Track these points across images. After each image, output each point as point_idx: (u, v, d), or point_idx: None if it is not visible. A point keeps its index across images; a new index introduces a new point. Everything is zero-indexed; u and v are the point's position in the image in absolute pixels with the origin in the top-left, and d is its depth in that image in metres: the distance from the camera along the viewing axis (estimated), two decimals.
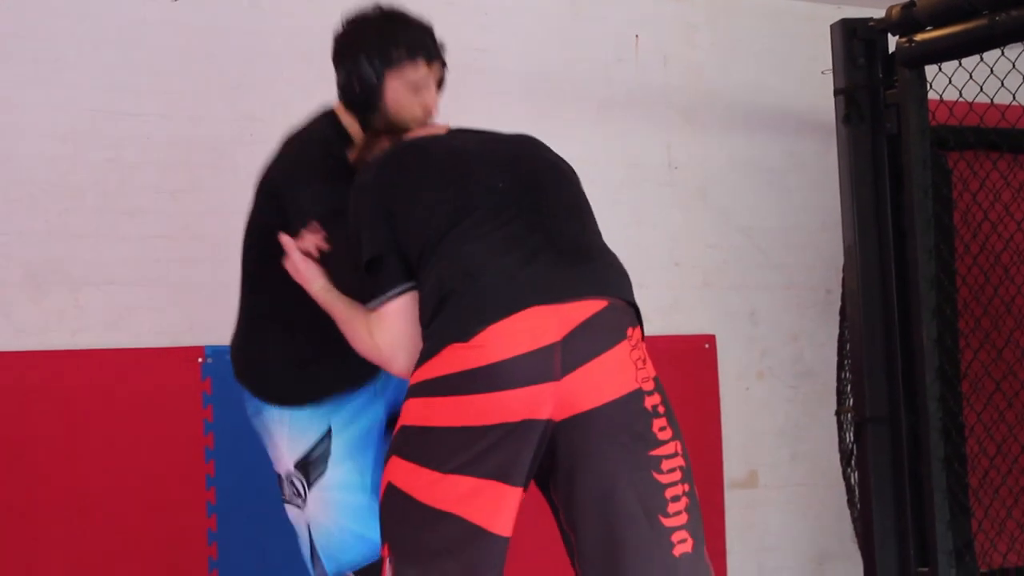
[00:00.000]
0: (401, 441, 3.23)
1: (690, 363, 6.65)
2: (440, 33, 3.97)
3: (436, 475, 3.15)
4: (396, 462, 3.22)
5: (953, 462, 5.14)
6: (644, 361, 3.25)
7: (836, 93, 5.14)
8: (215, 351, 5.68)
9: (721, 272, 6.87)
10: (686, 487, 3.19)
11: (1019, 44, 4.67)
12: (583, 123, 6.60)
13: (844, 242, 5.28)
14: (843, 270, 5.40)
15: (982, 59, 4.87)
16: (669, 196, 6.79)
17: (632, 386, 3.18)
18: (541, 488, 3.30)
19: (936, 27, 4.83)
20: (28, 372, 5.37)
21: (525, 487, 3.19)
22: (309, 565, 3.86)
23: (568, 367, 3.14)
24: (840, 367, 6.15)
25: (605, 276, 3.37)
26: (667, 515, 3.13)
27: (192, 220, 5.73)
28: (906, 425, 5.11)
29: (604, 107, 6.67)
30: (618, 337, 3.22)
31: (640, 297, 6.72)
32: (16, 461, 5.32)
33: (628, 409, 3.16)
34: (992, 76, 4.98)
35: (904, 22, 4.93)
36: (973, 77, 5.01)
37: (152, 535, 5.52)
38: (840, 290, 5.70)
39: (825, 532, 6.89)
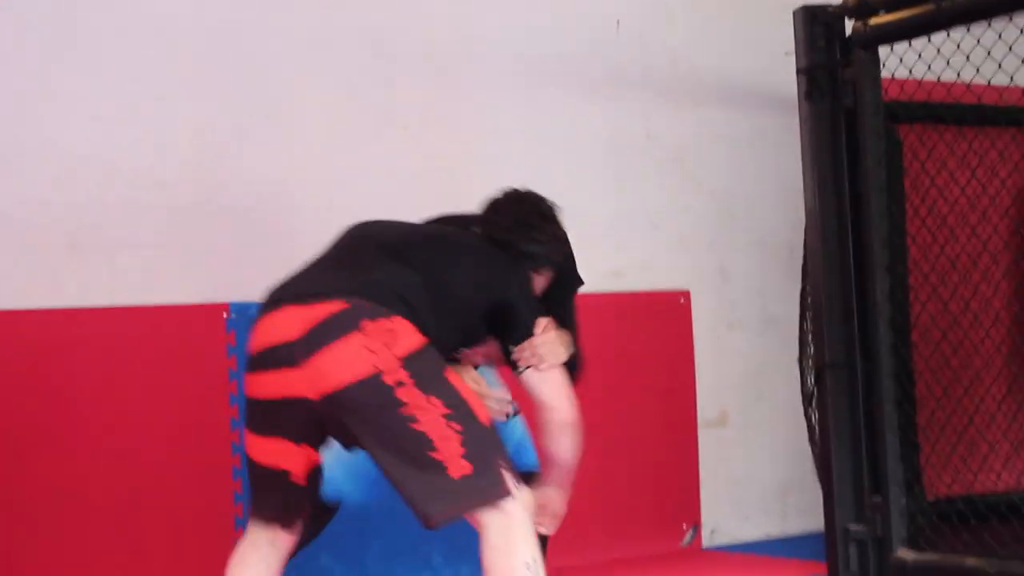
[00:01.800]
0: None
1: (667, 316, 6.73)
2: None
3: (249, 434, 3.73)
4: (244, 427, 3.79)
5: (903, 403, 5.22)
6: (387, 347, 3.45)
7: (799, 72, 5.18)
8: (238, 307, 5.75)
9: (695, 233, 6.94)
10: (455, 425, 3.40)
11: (963, 26, 4.71)
12: (569, 100, 6.67)
13: (806, 206, 5.34)
14: (805, 231, 5.46)
15: (930, 40, 4.93)
16: (648, 165, 6.86)
17: (368, 371, 3.43)
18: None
19: (888, 11, 4.89)
20: (70, 328, 5.45)
21: (309, 443, 3.64)
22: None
23: (306, 355, 3.49)
24: (802, 318, 6.22)
25: (360, 279, 3.62)
26: (436, 450, 3.37)
27: (217, 190, 5.79)
28: (861, 370, 5.18)
29: (588, 86, 6.73)
30: (349, 329, 3.47)
31: (619, 257, 6.83)
32: (59, 408, 5.41)
33: (368, 389, 3.43)
34: (939, 56, 5.04)
35: (859, 7, 4.99)
36: (922, 57, 5.06)
37: (181, 474, 5.61)
38: (803, 249, 5.75)
39: (789, 466, 6.98)
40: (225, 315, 5.73)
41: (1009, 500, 5.51)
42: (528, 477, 4.17)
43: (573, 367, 4.08)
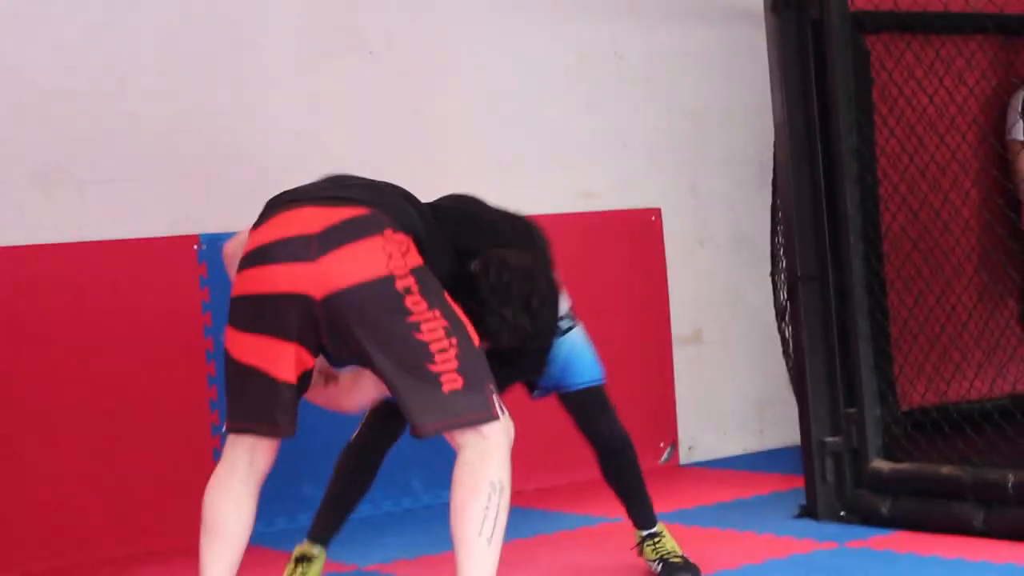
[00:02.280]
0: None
1: (639, 234, 6.72)
2: None
3: (236, 333, 3.59)
4: (226, 326, 3.65)
5: (876, 314, 5.24)
6: (402, 255, 3.51)
7: None
8: (209, 238, 5.72)
9: (665, 151, 6.92)
10: (454, 340, 3.48)
11: None
12: (537, 22, 6.61)
13: (774, 119, 5.33)
14: (774, 145, 5.44)
15: None
16: (617, 84, 6.81)
17: (382, 272, 3.47)
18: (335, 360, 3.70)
19: None
20: (40, 264, 5.42)
21: (305, 344, 3.53)
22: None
23: (323, 251, 3.47)
24: (773, 233, 6.22)
25: (375, 196, 3.68)
26: (435, 362, 3.44)
27: (183, 120, 5.74)
28: (833, 282, 5.19)
29: (556, 6, 6.66)
30: (372, 232, 3.51)
31: (591, 177, 6.82)
32: (33, 343, 5.38)
33: (379, 288, 3.46)
34: None
35: None
36: None
37: (158, 406, 5.61)
38: (772, 163, 5.73)
39: (764, 381, 7.00)
40: (196, 247, 5.70)
41: (982, 408, 5.54)
42: (592, 392, 4.32)
43: None
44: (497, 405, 3.52)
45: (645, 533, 4.45)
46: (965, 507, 4.72)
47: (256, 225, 3.65)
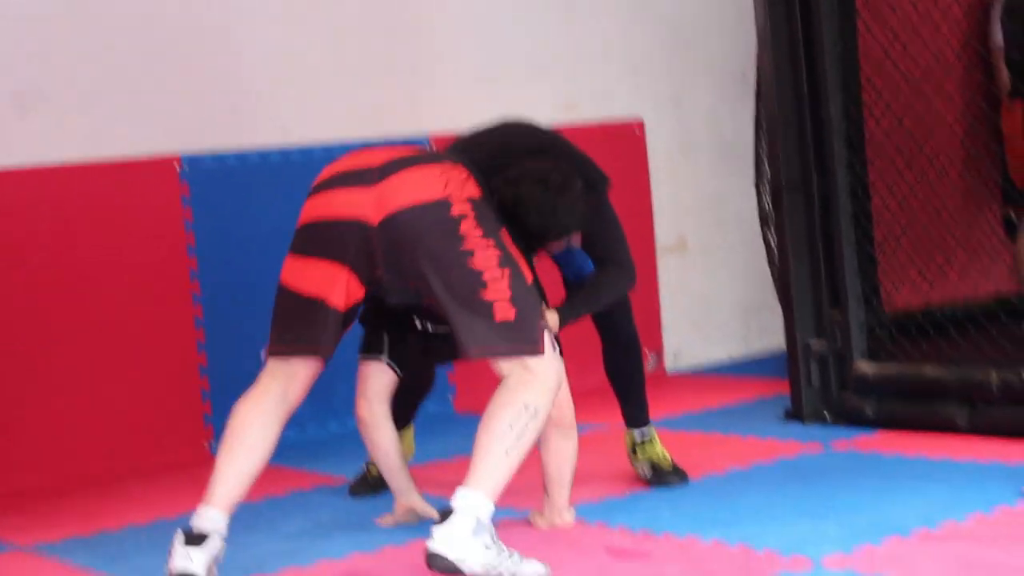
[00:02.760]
0: None
1: (622, 145, 6.68)
2: None
3: (292, 259, 3.69)
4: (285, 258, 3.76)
5: (860, 219, 5.23)
6: (460, 184, 3.62)
7: None
8: (190, 159, 5.68)
9: (647, 61, 6.87)
10: (507, 271, 3.56)
11: None
12: None
13: (757, 27, 5.30)
14: (757, 53, 5.40)
15: None
16: None
17: (439, 195, 3.57)
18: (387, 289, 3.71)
19: None
20: (19, 188, 5.38)
21: (358, 273, 3.60)
22: None
23: (383, 176, 3.59)
24: (757, 141, 6.18)
25: (443, 154, 3.92)
26: (488, 291, 3.52)
27: (161, 39, 5.67)
28: (817, 188, 5.19)
29: None
30: (430, 161, 3.68)
31: (574, 88, 6.78)
32: (16, 266, 5.34)
33: (435, 212, 3.55)
34: None
35: None
36: None
37: (144, 328, 5.58)
38: (756, 72, 5.69)
39: (748, 288, 7.01)
40: (177, 167, 5.66)
41: (967, 309, 5.54)
42: None
43: None
44: (547, 342, 3.59)
45: (637, 439, 4.47)
46: (950, 407, 4.74)
47: (327, 166, 3.78)
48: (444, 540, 3.30)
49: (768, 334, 6.93)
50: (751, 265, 6.89)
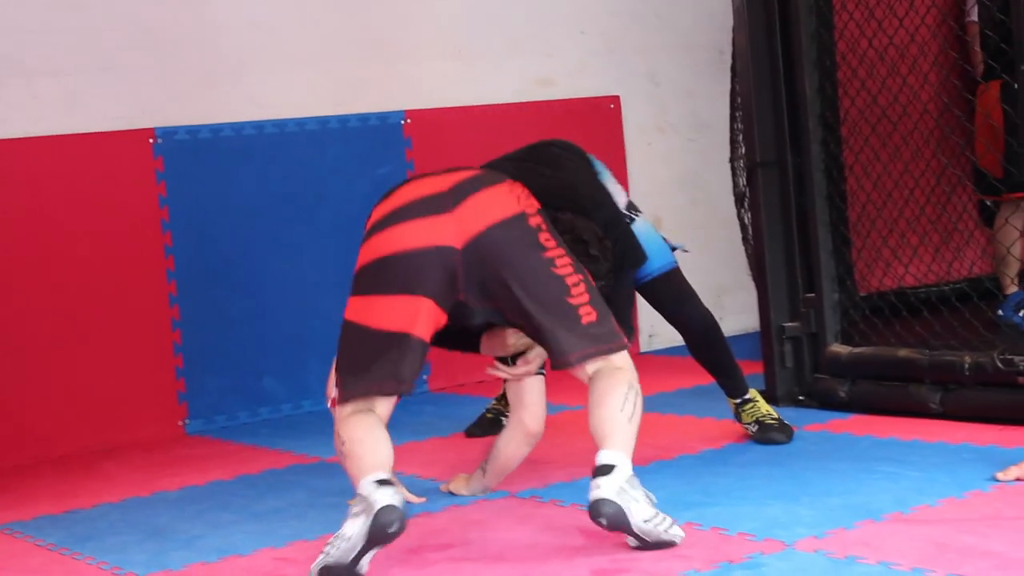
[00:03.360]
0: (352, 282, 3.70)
1: (597, 122, 6.67)
2: None
3: (365, 299, 3.62)
4: (349, 300, 3.68)
5: (835, 199, 5.22)
6: (528, 197, 3.72)
7: None
8: (164, 132, 5.65)
9: (623, 38, 6.84)
10: (581, 276, 3.67)
11: None
12: None
13: (733, 4, 5.28)
14: (733, 30, 5.38)
15: None
16: None
17: (516, 210, 3.65)
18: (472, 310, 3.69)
19: None
20: None
21: (441, 301, 3.59)
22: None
23: (458, 201, 3.61)
24: (732, 119, 6.19)
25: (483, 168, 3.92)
26: (572, 296, 3.62)
27: (136, 15, 5.63)
28: (792, 167, 5.18)
29: None
30: (498, 180, 3.72)
31: (549, 65, 6.77)
32: None
33: (516, 226, 3.62)
34: None
35: None
36: None
37: (117, 303, 5.57)
38: (731, 49, 5.68)
39: (723, 268, 7.00)
40: (151, 140, 5.63)
41: (940, 292, 5.55)
42: (665, 279, 4.55)
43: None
44: (622, 336, 3.71)
45: (739, 400, 4.62)
46: (922, 389, 4.74)
47: (381, 201, 3.73)
48: (611, 489, 3.39)
49: (742, 314, 6.93)
50: (725, 244, 6.89)
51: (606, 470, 3.43)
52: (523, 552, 3.57)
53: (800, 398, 5.13)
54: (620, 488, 3.40)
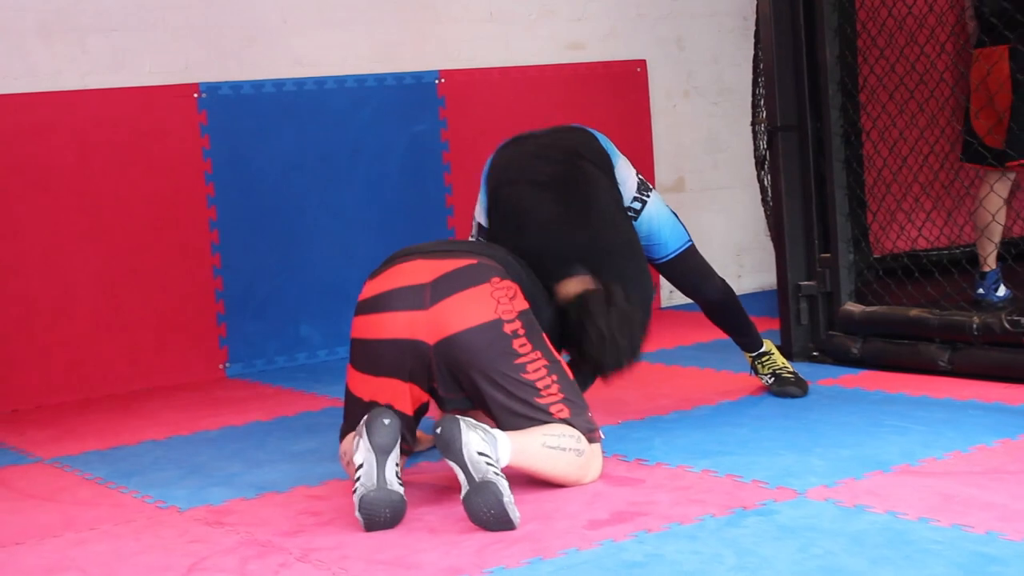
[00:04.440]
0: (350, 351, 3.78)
1: (624, 85, 6.66)
2: None
3: (356, 373, 3.70)
4: (347, 367, 3.78)
5: (852, 163, 5.23)
6: (510, 300, 3.65)
7: None
8: (208, 87, 5.67)
9: (651, 4, 6.83)
10: (555, 377, 3.64)
11: None
12: None
13: None
14: None
15: None
16: None
17: (492, 316, 3.60)
18: (442, 399, 3.72)
19: None
20: (43, 111, 5.38)
21: (417, 384, 3.64)
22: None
23: (435, 299, 3.60)
24: (755, 84, 6.17)
25: (482, 249, 3.82)
26: (542, 396, 3.60)
27: None
28: (812, 132, 5.18)
29: None
30: (480, 280, 3.65)
31: (579, 29, 6.75)
32: (39, 188, 5.36)
33: (490, 333, 3.59)
34: None
35: None
36: None
37: (161, 251, 5.62)
38: (756, 15, 5.67)
39: (743, 228, 7.01)
40: (196, 95, 5.65)
41: (951, 255, 5.55)
42: (681, 259, 4.40)
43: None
44: (597, 427, 3.69)
45: (755, 353, 4.64)
46: (931, 348, 4.76)
47: (373, 275, 3.75)
48: (467, 420, 3.38)
49: (760, 272, 6.95)
50: (745, 205, 6.90)
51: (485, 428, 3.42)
52: (545, 492, 3.61)
53: (814, 354, 5.16)
54: (476, 427, 3.36)
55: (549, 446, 3.55)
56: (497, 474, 3.32)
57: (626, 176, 4.27)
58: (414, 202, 6.11)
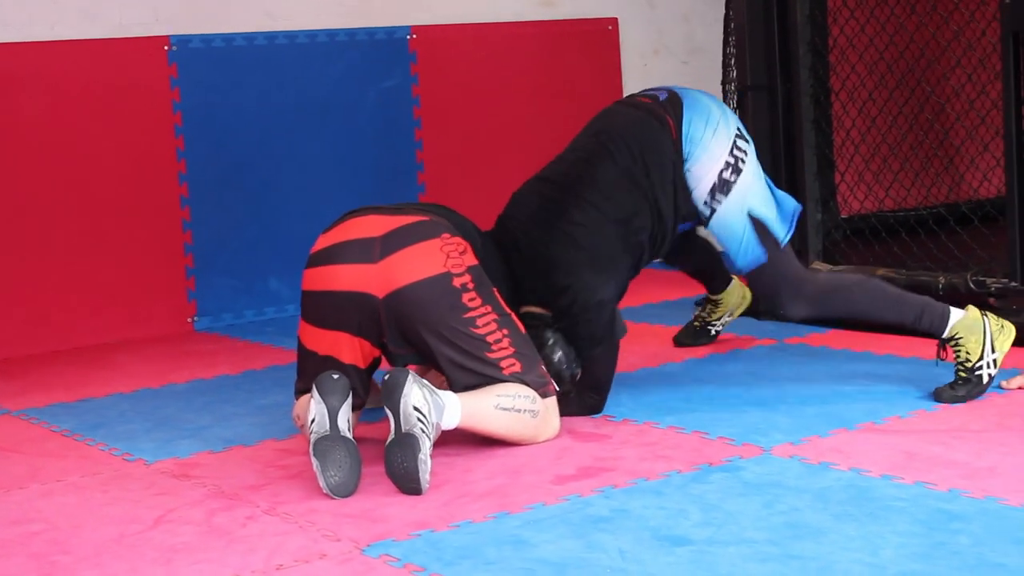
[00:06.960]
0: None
1: (595, 43, 6.62)
2: None
3: (307, 326, 3.67)
4: (299, 319, 3.74)
5: (821, 123, 5.21)
6: (460, 255, 3.62)
7: None
8: (179, 39, 5.61)
9: None
10: (506, 331, 3.61)
11: None
12: None
13: None
14: None
15: None
16: None
17: (440, 269, 3.57)
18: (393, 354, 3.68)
19: None
20: (12, 62, 5.31)
21: (368, 339, 3.60)
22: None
23: (385, 253, 3.56)
24: (725, 43, 6.12)
25: (436, 209, 3.79)
26: (492, 351, 3.56)
27: None
28: (781, 92, 5.18)
29: None
30: (431, 236, 3.62)
31: None
32: (4, 140, 5.30)
33: (438, 286, 3.56)
34: None
35: None
36: None
37: (131, 203, 5.57)
38: None
39: None
40: (167, 47, 5.59)
41: (918, 215, 5.55)
42: (755, 276, 4.00)
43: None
44: (551, 382, 3.67)
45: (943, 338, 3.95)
46: None
47: (326, 229, 3.72)
48: (416, 377, 3.35)
49: None
50: None
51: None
52: (511, 448, 3.60)
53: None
54: (424, 386, 3.35)
55: (503, 407, 3.52)
56: (424, 431, 3.29)
57: (702, 175, 3.89)
58: (385, 157, 6.07)
